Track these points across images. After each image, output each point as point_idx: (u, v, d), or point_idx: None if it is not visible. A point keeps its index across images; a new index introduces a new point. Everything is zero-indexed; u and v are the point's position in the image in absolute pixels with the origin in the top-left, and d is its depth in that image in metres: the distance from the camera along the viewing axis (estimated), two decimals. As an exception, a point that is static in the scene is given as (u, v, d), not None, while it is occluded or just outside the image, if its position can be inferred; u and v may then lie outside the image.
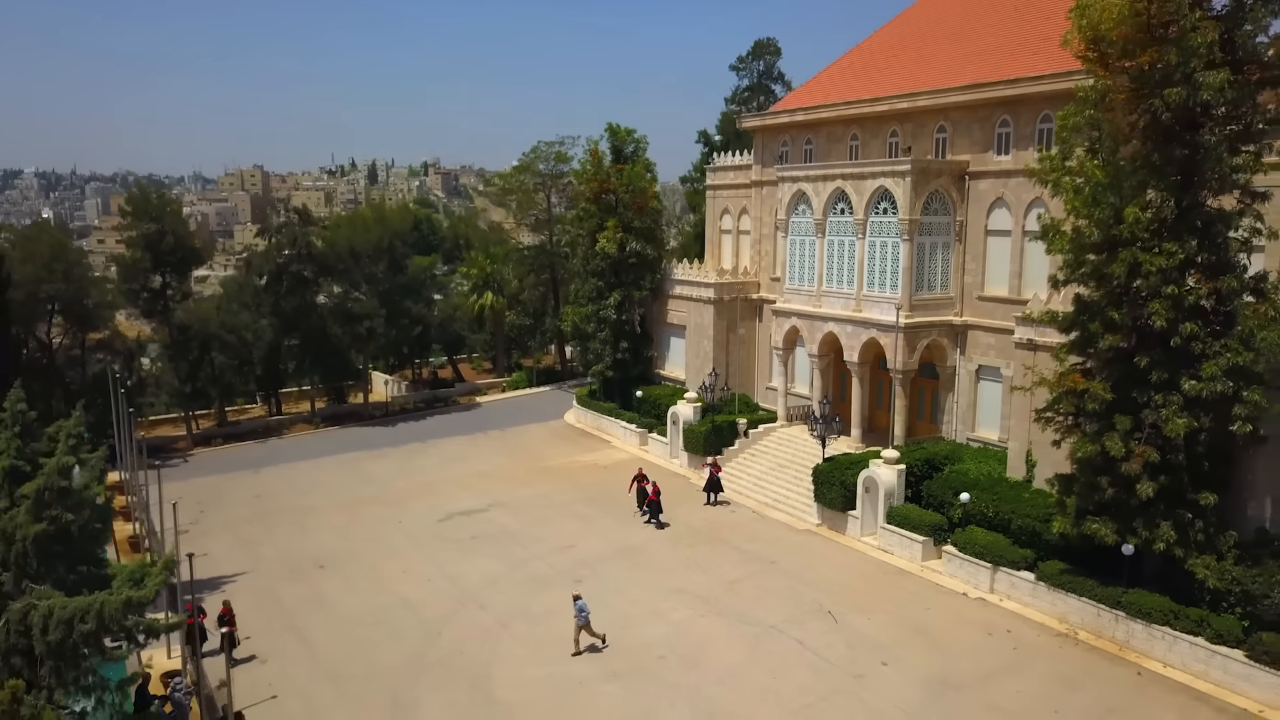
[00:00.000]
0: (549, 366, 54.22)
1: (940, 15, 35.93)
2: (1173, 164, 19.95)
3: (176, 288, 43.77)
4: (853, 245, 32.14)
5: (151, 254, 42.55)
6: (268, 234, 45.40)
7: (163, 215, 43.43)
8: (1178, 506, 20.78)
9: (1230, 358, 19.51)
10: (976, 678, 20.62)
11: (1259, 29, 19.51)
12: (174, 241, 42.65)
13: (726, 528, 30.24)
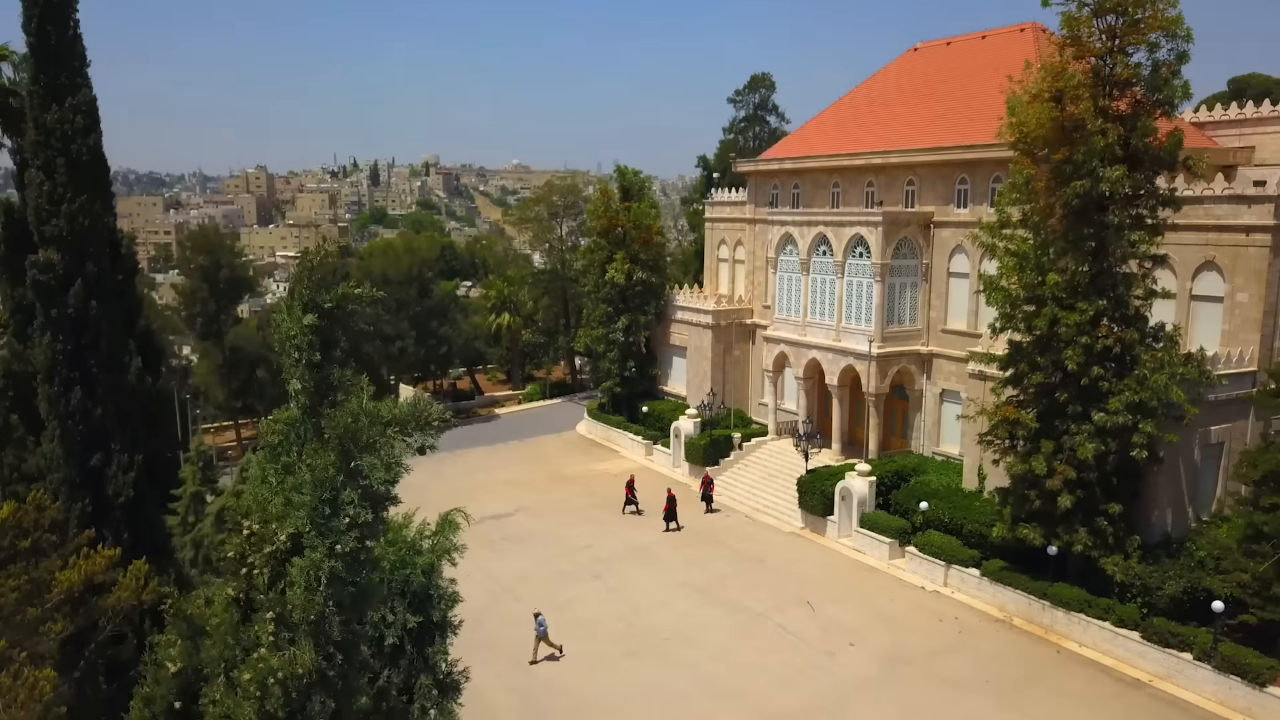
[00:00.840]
0: (560, 380, 58.89)
1: (913, 77, 40.49)
2: (1085, 238, 24.51)
3: (229, 313, 48.32)
4: (833, 283, 36.74)
5: (208, 284, 47.04)
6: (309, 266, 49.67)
7: (219, 249, 47.94)
8: (1092, 515, 25.36)
9: (1129, 395, 24.07)
10: (926, 655, 25.25)
11: (1151, 133, 24.09)
12: (228, 273, 47.14)
13: (722, 530, 34.87)
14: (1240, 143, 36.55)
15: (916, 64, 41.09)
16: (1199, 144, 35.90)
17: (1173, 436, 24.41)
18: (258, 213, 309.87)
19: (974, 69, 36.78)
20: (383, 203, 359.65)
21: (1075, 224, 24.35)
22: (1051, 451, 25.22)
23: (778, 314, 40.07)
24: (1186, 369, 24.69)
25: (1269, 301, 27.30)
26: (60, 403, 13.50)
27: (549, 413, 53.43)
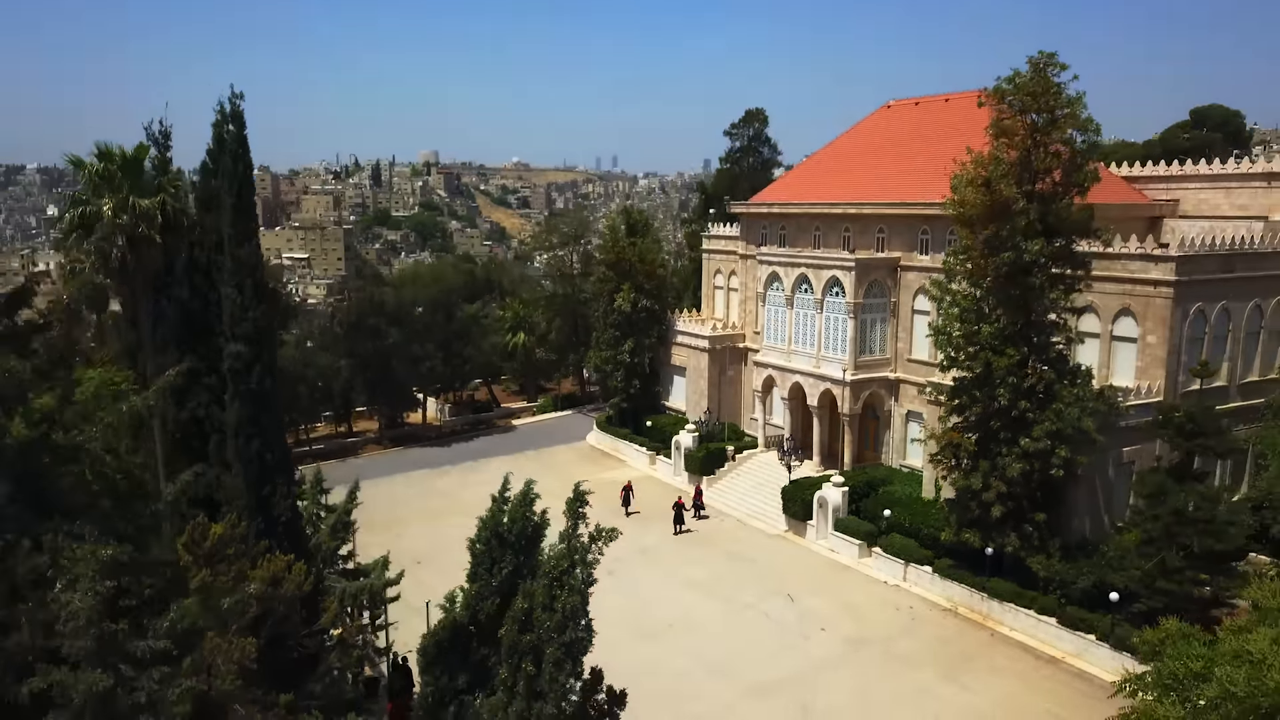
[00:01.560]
0: (570, 392, 64.28)
1: (885, 133, 45.83)
2: (1013, 297, 29.85)
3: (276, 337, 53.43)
4: (813, 317, 42.09)
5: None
6: (347, 291, 55.17)
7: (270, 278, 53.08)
8: (1021, 523, 30.73)
9: (1049, 425, 29.41)
10: (884, 638, 30.65)
11: (1066, 209, 29.41)
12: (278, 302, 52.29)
13: (718, 534, 40.26)
14: (1167, 196, 41.93)
15: (889, 120, 46.46)
16: (1131, 198, 41.46)
17: (1083, 459, 29.77)
18: (264, 214, 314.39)
19: (938, 129, 42.08)
20: (386, 204, 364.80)
21: (1005, 285, 29.70)
22: (987, 470, 30.59)
23: (766, 341, 45.44)
24: (1097, 403, 30.08)
25: (1172, 343, 32.69)
26: (245, 451, 18.64)
27: (561, 424, 58.81)
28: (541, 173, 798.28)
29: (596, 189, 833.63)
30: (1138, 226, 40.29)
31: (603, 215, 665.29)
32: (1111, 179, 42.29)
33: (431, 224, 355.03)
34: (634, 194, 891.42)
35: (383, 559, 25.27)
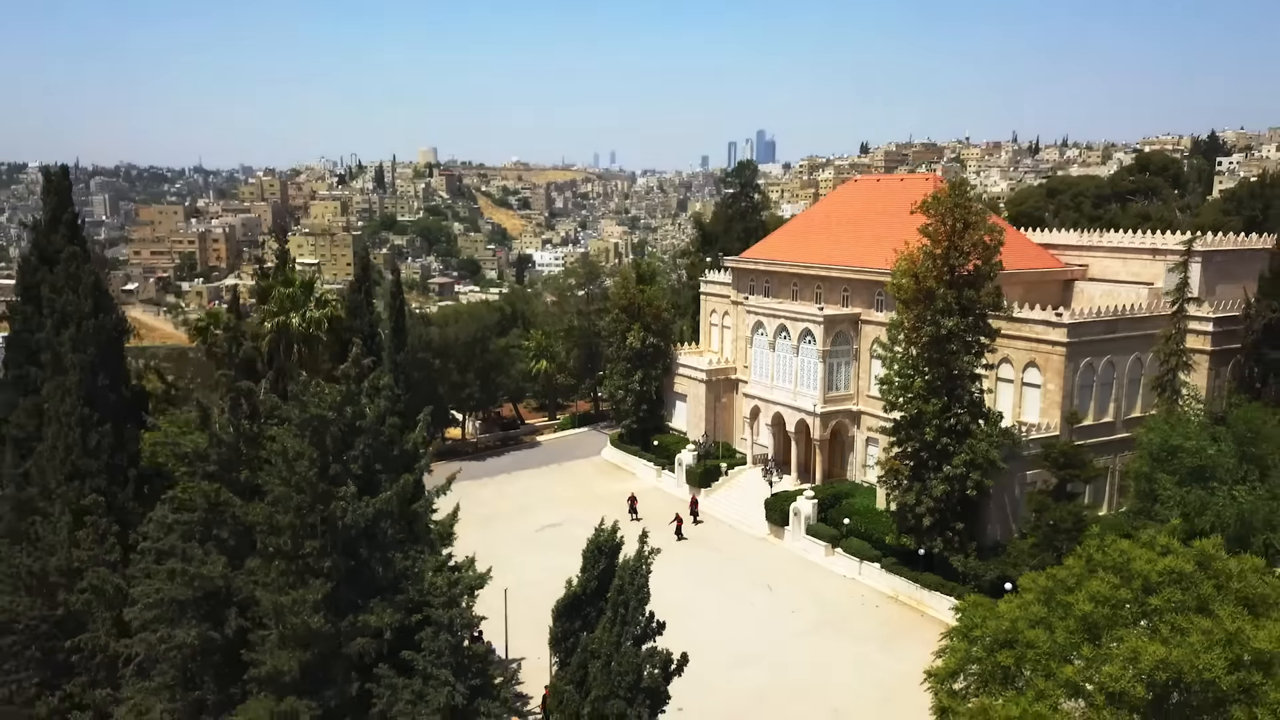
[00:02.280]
0: (585, 411, 73.53)
1: (850, 204, 55.19)
2: (936, 359, 39.10)
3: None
4: (791, 359, 51.33)
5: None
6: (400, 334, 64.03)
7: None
8: (945, 529, 40.01)
9: (964, 456, 38.67)
10: (840, 619, 39.94)
11: (979, 292, 38.63)
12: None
13: (713, 537, 49.51)
14: (1079, 261, 51.19)
15: (853, 193, 55.78)
16: (1049, 264, 50.81)
17: (990, 482, 39.03)
18: (273, 219, 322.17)
19: (892, 205, 51.22)
20: (392, 209, 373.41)
21: (931, 350, 38.97)
22: (919, 490, 39.89)
23: (753, 377, 54.73)
24: (1002, 439, 39.37)
25: (1065, 390, 42.00)
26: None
27: (579, 440, 68.06)
28: (541, 172, 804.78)
29: (596, 188, 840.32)
30: (1054, 288, 49.70)
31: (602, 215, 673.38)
32: (1034, 247, 51.58)
33: (437, 228, 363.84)
34: (632, 193, 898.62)
35: (471, 557, 34.50)
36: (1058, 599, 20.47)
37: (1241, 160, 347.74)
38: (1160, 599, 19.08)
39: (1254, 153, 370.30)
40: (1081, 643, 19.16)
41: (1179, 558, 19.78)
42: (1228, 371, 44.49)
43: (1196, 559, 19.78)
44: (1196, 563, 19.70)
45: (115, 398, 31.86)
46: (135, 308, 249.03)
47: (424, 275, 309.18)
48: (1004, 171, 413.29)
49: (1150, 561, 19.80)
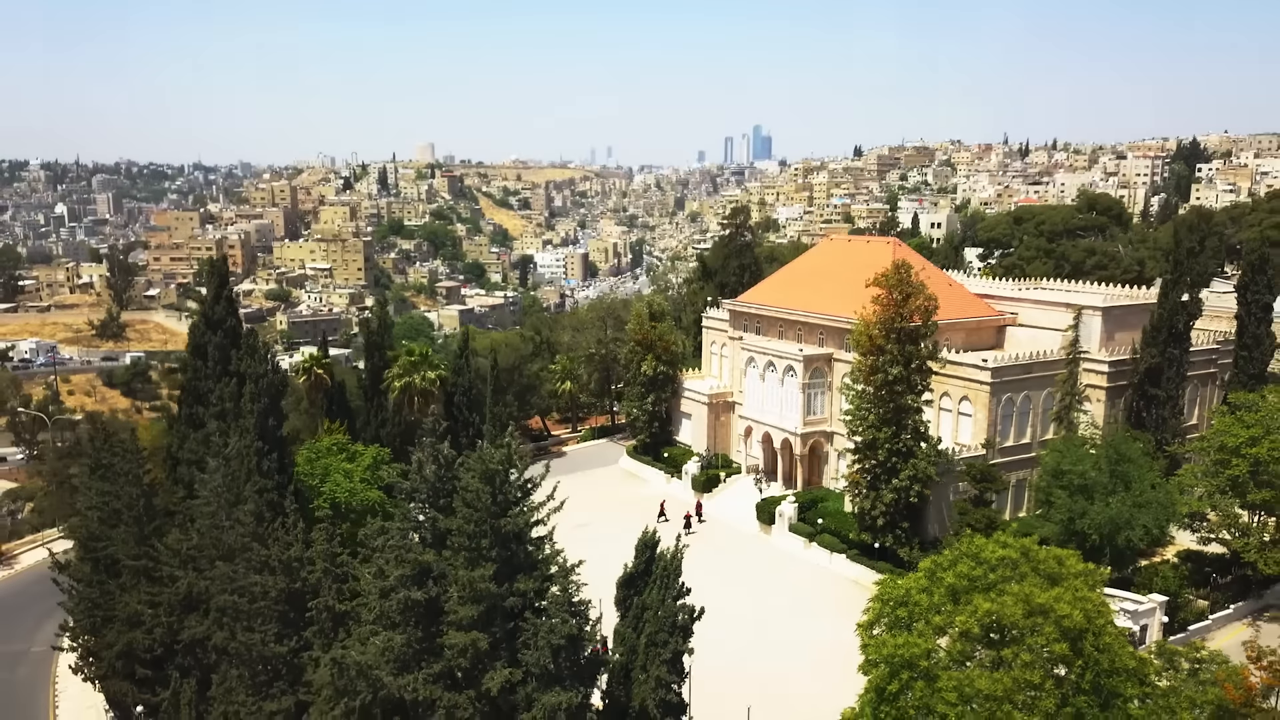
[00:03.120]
0: (603, 424, 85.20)
1: (827, 259, 66.80)
2: (885, 398, 50.74)
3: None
4: (777, 388, 63.00)
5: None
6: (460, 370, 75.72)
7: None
8: (895, 528, 51.72)
9: (908, 472, 50.36)
10: (810, 598, 51.65)
11: (919, 349, 50.24)
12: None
13: (714, 534, 61.10)
14: (1012, 309, 62.89)
15: (828, 251, 67.55)
16: (986, 313, 62.48)
17: (928, 491, 50.72)
18: (285, 225, 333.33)
19: (859, 263, 62.70)
20: (399, 213, 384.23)
21: (881, 390, 50.64)
22: (875, 497, 51.57)
23: (746, 402, 66.43)
24: (938, 458, 51.05)
25: (990, 419, 53.74)
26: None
27: (599, 450, 79.66)
28: (539, 170, 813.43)
29: (594, 186, 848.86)
30: (990, 333, 61.46)
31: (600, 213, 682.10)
32: (975, 299, 63.25)
33: (443, 233, 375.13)
34: (630, 191, 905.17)
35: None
36: (937, 575, 32.14)
37: (1221, 166, 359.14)
38: (996, 575, 30.74)
39: (1234, 159, 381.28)
40: (947, 602, 30.81)
41: (1010, 549, 31.44)
42: (1121, 404, 56.25)
43: (1021, 550, 31.45)
44: (1021, 552, 31.37)
45: (279, 433, 43.64)
46: (158, 313, 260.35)
47: (432, 279, 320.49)
48: (993, 175, 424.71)
49: (993, 551, 31.48)
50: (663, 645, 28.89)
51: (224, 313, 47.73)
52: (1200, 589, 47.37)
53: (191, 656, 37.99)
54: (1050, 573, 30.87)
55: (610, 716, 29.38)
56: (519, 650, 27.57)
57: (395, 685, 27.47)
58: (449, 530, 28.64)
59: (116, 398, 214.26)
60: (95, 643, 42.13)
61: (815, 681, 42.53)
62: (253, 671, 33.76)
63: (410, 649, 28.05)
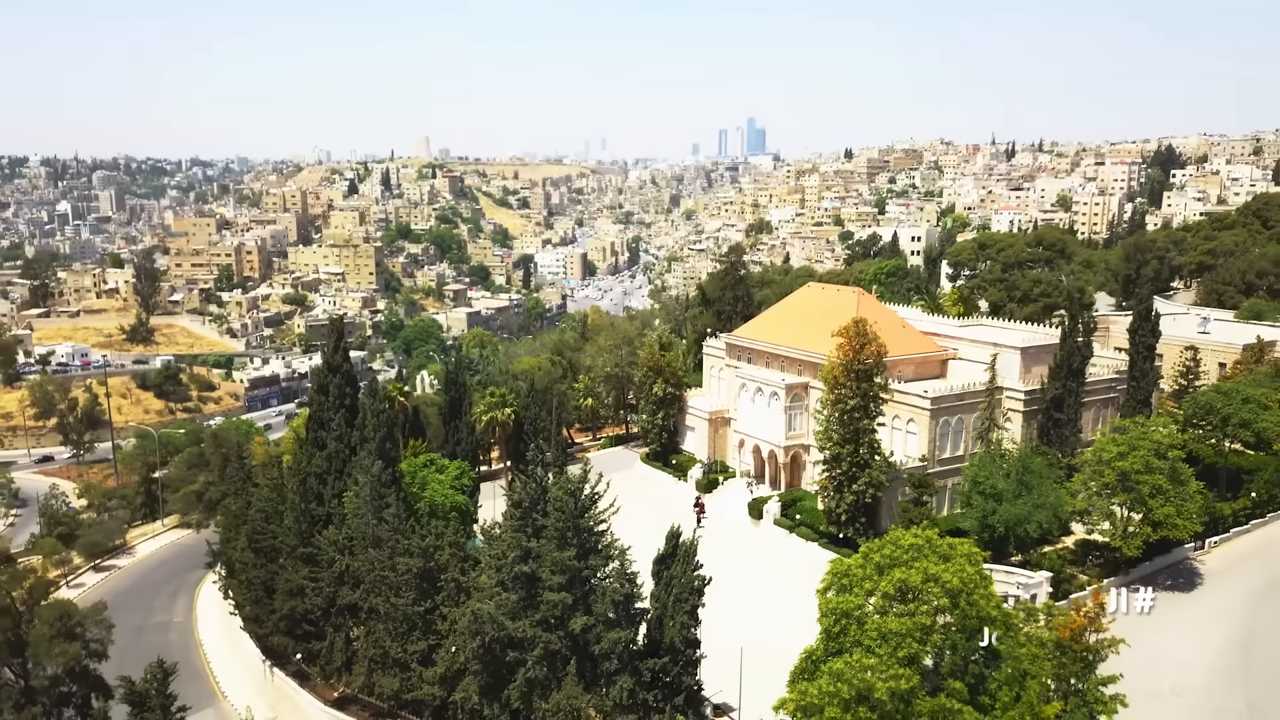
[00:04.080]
0: (619, 433, 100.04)
1: (807, 303, 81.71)
2: (846, 421, 65.66)
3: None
4: (764, 408, 77.94)
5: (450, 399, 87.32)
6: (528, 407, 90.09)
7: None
8: (856, 521, 66.73)
9: (865, 478, 65.32)
10: (788, 574, 66.56)
11: (872, 385, 65.16)
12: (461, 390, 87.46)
13: (712, 526, 76.03)
14: (954, 344, 77.81)
15: (807, 296, 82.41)
16: (932, 349, 77.52)
17: (880, 494, 65.67)
18: (298, 230, 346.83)
19: (831, 308, 77.62)
20: (406, 218, 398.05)
21: (843, 416, 65.55)
22: (839, 498, 66.57)
23: (740, 418, 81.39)
24: (888, 469, 65.99)
25: (930, 437, 68.78)
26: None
27: (616, 456, 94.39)
28: (536, 167, 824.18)
29: (590, 183, 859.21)
30: (935, 365, 76.42)
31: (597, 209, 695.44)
32: (924, 337, 78.16)
33: (448, 236, 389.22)
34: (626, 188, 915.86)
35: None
36: (869, 555, 47.17)
37: (1194, 173, 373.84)
38: (907, 555, 45.73)
39: (1209, 164, 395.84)
40: (875, 573, 45.81)
41: (919, 539, 46.45)
42: (1034, 424, 71.30)
43: (925, 539, 46.45)
44: (925, 540, 46.39)
45: (395, 455, 58.50)
46: (182, 317, 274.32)
47: (439, 283, 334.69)
48: (978, 179, 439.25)
49: (907, 540, 46.46)
50: (684, 601, 43.81)
51: (340, 360, 62.41)
52: (1083, 567, 62.53)
53: (340, 617, 52.87)
54: (943, 554, 45.86)
55: (649, 649, 44.27)
56: (591, 604, 42.53)
57: (511, 628, 42.40)
58: (543, 526, 43.50)
59: (150, 399, 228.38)
60: (259, 609, 57.03)
61: (788, 631, 57.18)
62: (395, 625, 48.65)
63: (519, 604, 42.98)
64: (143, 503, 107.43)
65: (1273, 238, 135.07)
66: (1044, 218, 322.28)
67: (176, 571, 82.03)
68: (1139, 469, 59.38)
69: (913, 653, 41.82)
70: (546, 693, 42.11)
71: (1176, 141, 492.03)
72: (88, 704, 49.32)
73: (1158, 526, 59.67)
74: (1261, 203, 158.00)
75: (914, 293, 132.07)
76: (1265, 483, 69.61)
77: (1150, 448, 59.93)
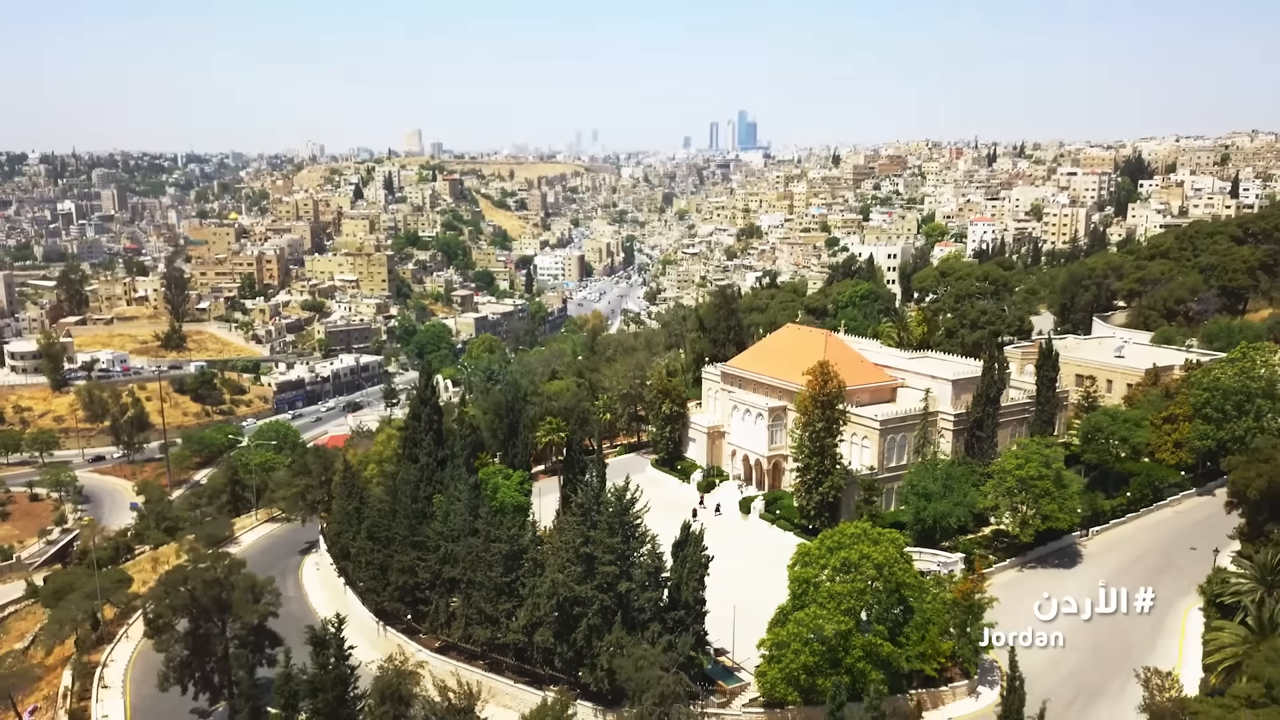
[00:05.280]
0: (631, 442, 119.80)
1: (786, 341, 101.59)
2: (814, 438, 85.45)
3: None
4: (752, 426, 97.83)
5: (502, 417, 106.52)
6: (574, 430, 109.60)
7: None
8: (821, 516, 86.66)
9: (829, 483, 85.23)
10: (771, 555, 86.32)
11: (833, 410, 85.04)
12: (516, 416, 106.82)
13: (711, 519, 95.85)
14: (902, 375, 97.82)
15: (786, 336, 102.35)
16: (884, 379, 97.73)
17: (840, 495, 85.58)
18: (311, 239, 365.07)
19: (805, 345, 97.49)
20: (413, 225, 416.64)
21: (811, 435, 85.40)
22: (809, 498, 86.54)
23: (732, 433, 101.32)
24: (846, 475, 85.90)
25: (880, 450, 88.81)
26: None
27: (629, 462, 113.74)
28: (531, 165, 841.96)
29: (584, 182, 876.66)
30: (887, 393, 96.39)
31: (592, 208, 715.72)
32: (877, 369, 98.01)
33: (454, 243, 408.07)
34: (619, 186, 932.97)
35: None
36: (824, 540, 67.16)
37: (1160, 183, 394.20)
38: (849, 540, 65.71)
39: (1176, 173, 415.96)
40: (826, 553, 65.79)
41: (858, 529, 66.46)
42: (962, 440, 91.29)
43: (862, 530, 66.44)
44: (862, 530, 66.39)
45: (475, 468, 78.27)
46: (210, 324, 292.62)
47: (448, 288, 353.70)
48: (958, 186, 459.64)
49: (850, 530, 66.47)
50: (694, 573, 63.62)
51: (429, 395, 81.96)
52: (991, 551, 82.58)
53: (443, 587, 72.47)
54: (874, 539, 65.94)
55: (670, 605, 63.94)
56: (631, 574, 62.30)
57: (577, 591, 62.11)
58: (597, 521, 63.23)
59: (187, 402, 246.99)
60: (375, 583, 76.62)
61: (768, 594, 76.85)
62: (487, 592, 68.27)
63: (582, 574, 62.70)
64: (227, 500, 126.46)
65: (1195, 266, 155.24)
66: (1017, 227, 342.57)
67: (279, 557, 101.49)
68: (1032, 475, 79.45)
69: (850, 607, 61.70)
70: (601, 635, 61.90)
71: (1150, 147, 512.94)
72: (262, 648, 68.82)
73: (1046, 519, 79.80)
74: (1194, 230, 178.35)
75: (883, 315, 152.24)
76: (1138, 484, 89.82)
77: (1041, 459, 79.98)
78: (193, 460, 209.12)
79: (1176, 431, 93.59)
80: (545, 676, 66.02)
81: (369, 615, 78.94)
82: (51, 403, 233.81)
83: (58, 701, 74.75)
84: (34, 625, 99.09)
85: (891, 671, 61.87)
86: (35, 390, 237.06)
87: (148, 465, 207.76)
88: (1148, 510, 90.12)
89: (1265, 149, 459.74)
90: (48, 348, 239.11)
